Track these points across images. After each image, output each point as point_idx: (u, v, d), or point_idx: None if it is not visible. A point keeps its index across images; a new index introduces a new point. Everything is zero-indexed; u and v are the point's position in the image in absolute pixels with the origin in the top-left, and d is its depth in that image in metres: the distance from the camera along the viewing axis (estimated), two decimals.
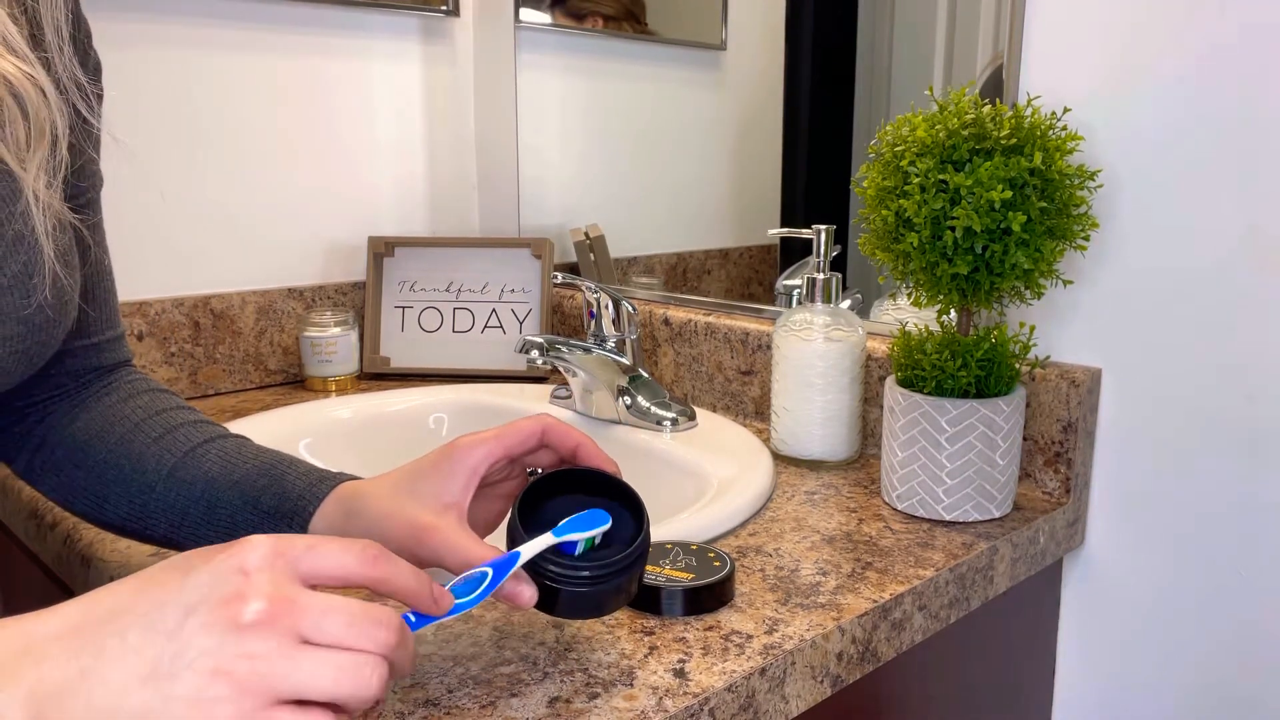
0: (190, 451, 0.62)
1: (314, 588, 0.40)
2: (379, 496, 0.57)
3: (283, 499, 0.59)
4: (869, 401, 0.93)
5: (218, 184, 1.15)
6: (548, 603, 0.52)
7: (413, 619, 0.45)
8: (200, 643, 0.37)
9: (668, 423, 0.95)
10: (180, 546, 0.61)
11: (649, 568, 0.64)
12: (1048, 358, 0.85)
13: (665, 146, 1.16)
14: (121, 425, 0.64)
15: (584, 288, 0.99)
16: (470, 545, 0.52)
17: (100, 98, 0.60)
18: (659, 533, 0.70)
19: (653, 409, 0.96)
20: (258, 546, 0.39)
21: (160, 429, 0.63)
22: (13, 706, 0.36)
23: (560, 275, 1.03)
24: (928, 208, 0.73)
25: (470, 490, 0.56)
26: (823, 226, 0.90)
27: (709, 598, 0.63)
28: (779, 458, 0.91)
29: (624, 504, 0.55)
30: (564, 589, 0.51)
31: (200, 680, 0.36)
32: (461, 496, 0.56)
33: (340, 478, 0.61)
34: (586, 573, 0.51)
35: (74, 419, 0.64)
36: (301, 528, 0.58)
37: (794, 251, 1.07)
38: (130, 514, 0.61)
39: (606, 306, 0.98)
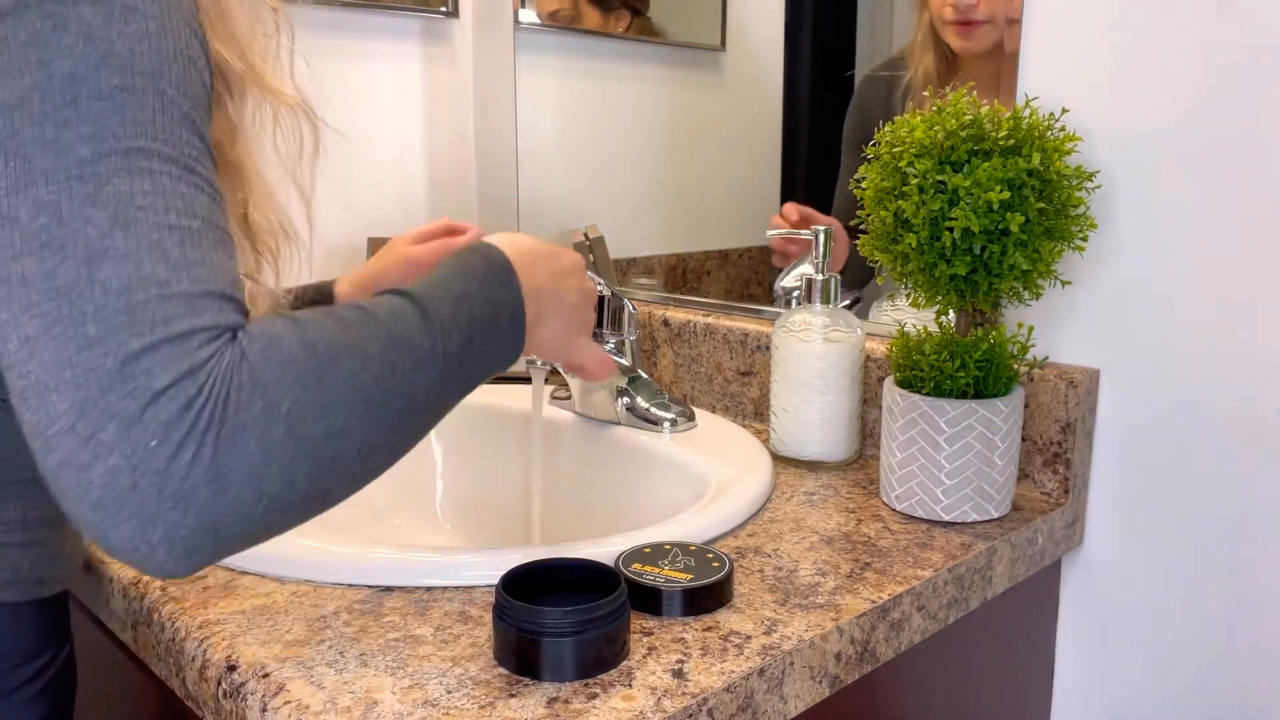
0: None
1: None
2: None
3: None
4: (868, 402, 0.93)
5: None
6: (530, 660, 0.55)
7: None
8: (582, 300, 0.70)
9: (667, 423, 0.96)
10: None
11: (648, 568, 0.64)
12: (1046, 358, 0.85)
13: (665, 147, 1.16)
14: None
15: None
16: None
17: None
18: (659, 534, 0.71)
19: (652, 410, 0.96)
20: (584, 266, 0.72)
21: None
22: (526, 295, 0.63)
23: None
24: (926, 209, 0.73)
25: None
26: (821, 227, 0.90)
27: (708, 598, 0.63)
28: (778, 458, 0.91)
29: (606, 583, 0.59)
30: (545, 639, 0.54)
31: (584, 307, 0.70)
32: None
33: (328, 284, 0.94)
34: (570, 620, 0.54)
35: None
36: None
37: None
38: None
39: (606, 307, 0.98)
